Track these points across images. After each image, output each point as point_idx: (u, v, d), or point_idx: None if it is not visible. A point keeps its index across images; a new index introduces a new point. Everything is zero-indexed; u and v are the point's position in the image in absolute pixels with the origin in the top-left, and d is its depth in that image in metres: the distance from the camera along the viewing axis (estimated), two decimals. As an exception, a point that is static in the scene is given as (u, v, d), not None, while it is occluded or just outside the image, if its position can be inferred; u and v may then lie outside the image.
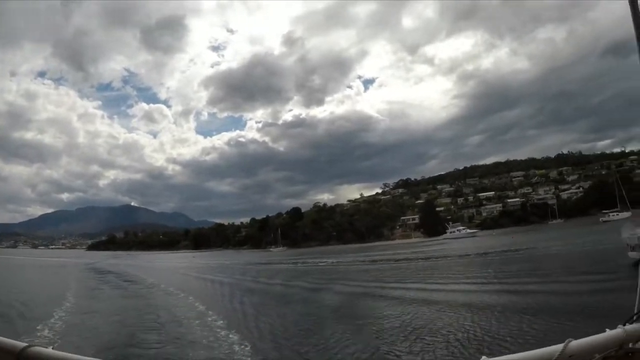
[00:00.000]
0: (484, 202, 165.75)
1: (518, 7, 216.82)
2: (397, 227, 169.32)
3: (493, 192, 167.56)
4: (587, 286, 26.62)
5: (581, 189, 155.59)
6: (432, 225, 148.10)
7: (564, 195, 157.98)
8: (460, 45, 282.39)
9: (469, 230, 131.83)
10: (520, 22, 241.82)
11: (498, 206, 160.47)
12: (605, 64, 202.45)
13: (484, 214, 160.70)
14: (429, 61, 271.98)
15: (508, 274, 38.07)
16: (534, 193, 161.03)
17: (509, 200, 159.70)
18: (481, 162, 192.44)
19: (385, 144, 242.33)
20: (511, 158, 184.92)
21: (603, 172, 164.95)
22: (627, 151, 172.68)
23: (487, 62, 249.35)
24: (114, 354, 17.51)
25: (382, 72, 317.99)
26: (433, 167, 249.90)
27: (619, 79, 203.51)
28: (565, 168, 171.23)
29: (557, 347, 1.91)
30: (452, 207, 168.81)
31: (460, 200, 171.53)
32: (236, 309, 29.22)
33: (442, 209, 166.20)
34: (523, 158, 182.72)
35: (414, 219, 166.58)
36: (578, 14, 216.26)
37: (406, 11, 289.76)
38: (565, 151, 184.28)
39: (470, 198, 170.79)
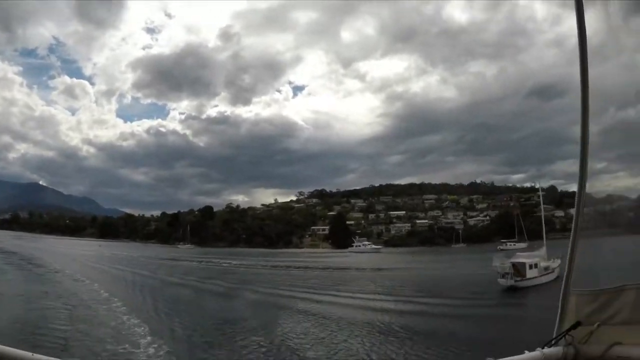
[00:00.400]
0: (394, 220, 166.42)
1: (454, 39, 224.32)
2: (307, 236, 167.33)
3: (404, 212, 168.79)
4: (455, 310, 29.24)
5: (488, 218, 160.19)
6: (341, 238, 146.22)
7: (471, 221, 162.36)
8: (394, 66, 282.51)
9: (374, 246, 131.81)
10: (455, 53, 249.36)
11: (407, 225, 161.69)
12: (528, 104, 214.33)
13: (393, 232, 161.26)
14: (361, 77, 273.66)
15: (392, 290, 40.16)
16: (443, 217, 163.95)
17: (418, 221, 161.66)
18: (397, 182, 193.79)
19: (306, 152, 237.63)
20: (426, 181, 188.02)
21: (511, 204, 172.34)
22: (536, 187, 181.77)
23: (416, 86, 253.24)
24: (21, 328, 19.77)
25: (314, 81, 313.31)
26: (350, 181, 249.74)
27: (539, 119, 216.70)
28: (476, 196, 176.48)
29: None
30: (363, 222, 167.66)
31: (371, 216, 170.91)
32: (137, 297, 32.59)
33: (352, 222, 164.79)
34: (437, 182, 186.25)
35: (324, 230, 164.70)
36: (510, 54, 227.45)
37: (347, 25, 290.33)
38: (478, 180, 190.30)
39: (382, 215, 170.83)
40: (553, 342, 2.43)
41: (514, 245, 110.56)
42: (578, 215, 2.53)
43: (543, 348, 2.32)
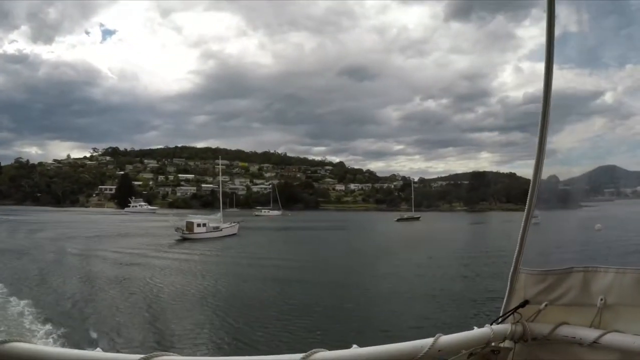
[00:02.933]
0: (182, 183, 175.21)
1: (281, 6, 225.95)
2: (94, 195, 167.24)
3: (193, 176, 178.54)
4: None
5: (271, 186, 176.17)
6: (126, 198, 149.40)
7: (255, 188, 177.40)
8: (214, 23, 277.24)
9: (150, 207, 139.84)
10: (278, 20, 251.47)
11: (193, 189, 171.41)
12: (340, 82, 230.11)
13: (179, 194, 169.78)
14: (178, 29, 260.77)
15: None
16: (230, 182, 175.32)
17: (203, 185, 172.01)
18: (195, 144, 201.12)
19: (107, 104, 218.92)
20: (229, 145, 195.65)
21: (297, 175, 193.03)
22: (326, 161, 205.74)
23: (233, 47, 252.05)
24: None
25: (126, 27, 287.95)
26: (153, 139, 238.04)
27: (347, 98, 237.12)
28: (266, 165, 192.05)
29: (427, 341, 2.03)
30: (152, 183, 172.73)
31: (161, 177, 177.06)
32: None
33: (140, 183, 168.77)
34: (233, 148, 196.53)
35: (111, 190, 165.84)
36: (332, 31, 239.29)
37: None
38: (272, 150, 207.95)
39: (171, 177, 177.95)
40: (500, 319, 2.50)
41: (269, 212, 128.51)
42: (532, 196, 2.52)
43: (492, 324, 2.41)
